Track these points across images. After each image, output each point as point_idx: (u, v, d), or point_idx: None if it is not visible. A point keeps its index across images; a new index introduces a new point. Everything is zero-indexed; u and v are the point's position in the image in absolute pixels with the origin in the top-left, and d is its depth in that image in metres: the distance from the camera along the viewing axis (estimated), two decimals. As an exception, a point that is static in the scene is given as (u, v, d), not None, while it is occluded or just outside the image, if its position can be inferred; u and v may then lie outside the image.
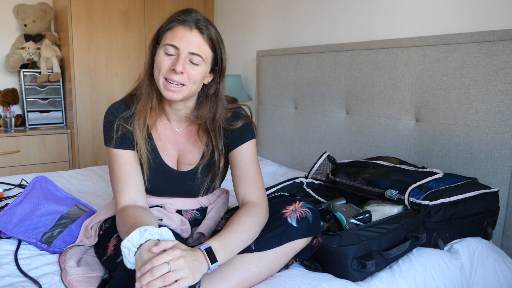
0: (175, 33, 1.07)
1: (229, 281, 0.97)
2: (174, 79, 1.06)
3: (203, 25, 1.08)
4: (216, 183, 1.25)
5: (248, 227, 1.02)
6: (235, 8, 2.95)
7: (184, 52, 1.06)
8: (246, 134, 1.19)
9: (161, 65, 1.08)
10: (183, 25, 1.07)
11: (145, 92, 1.14)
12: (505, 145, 1.45)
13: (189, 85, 1.09)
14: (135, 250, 0.87)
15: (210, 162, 1.20)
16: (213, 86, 1.17)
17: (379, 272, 1.17)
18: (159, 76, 1.09)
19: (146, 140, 1.16)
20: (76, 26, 2.67)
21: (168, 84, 1.07)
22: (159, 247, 0.85)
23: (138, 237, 0.88)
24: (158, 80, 1.09)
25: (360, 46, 1.94)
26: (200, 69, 1.09)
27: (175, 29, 1.07)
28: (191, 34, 1.07)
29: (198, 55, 1.07)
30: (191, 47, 1.06)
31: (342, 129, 2.04)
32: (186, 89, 1.09)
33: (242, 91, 2.75)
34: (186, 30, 1.07)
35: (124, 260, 0.89)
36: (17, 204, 1.31)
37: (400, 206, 1.32)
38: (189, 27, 1.07)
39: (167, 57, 1.08)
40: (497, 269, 1.36)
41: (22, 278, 1.07)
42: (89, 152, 2.84)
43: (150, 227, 0.90)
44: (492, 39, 1.47)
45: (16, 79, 2.93)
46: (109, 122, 1.15)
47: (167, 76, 1.07)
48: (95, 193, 1.85)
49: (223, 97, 1.18)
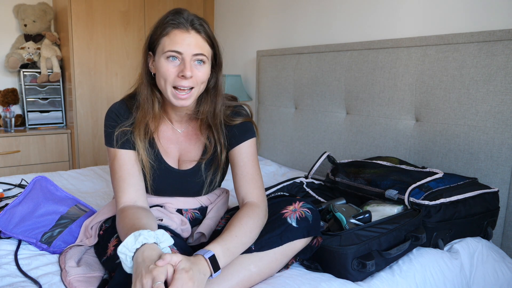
0: (173, 38, 1.04)
1: (229, 281, 0.97)
2: (184, 85, 1.05)
3: (198, 24, 1.06)
4: (218, 178, 1.24)
5: (249, 229, 1.02)
6: (235, 8, 2.95)
7: (188, 56, 1.05)
8: (247, 132, 1.19)
9: (166, 74, 1.05)
10: (179, 28, 1.04)
11: (145, 101, 1.13)
12: (505, 145, 1.45)
13: (197, 86, 1.09)
14: (132, 254, 0.87)
15: (213, 157, 1.20)
16: (212, 80, 1.17)
17: (379, 272, 1.17)
18: (166, 85, 1.07)
19: (148, 149, 1.16)
20: (76, 26, 2.67)
21: (177, 93, 1.06)
22: (164, 261, 0.83)
23: (133, 242, 0.87)
24: (165, 89, 1.08)
25: (360, 46, 1.94)
26: (205, 69, 1.09)
27: (172, 33, 1.05)
28: (190, 36, 1.05)
29: (202, 54, 1.06)
30: (193, 48, 1.05)
31: (342, 129, 2.04)
32: (195, 92, 1.09)
33: (242, 91, 2.75)
34: (184, 33, 1.04)
35: (123, 265, 0.89)
36: (17, 204, 1.31)
37: (400, 206, 1.32)
38: (185, 29, 1.04)
39: (171, 64, 1.05)
40: (497, 269, 1.36)
41: (22, 278, 1.07)
42: (89, 152, 2.84)
43: (144, 231, 0.89)
44: (492, 39, 1.47)
45: (16, 79, 2.93)
46: (110, 123, 1.16)
47: (176, 83, 1.06)
48: (95, 193, 1.85)
49: (222, 90, 1.19)
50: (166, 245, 0.91)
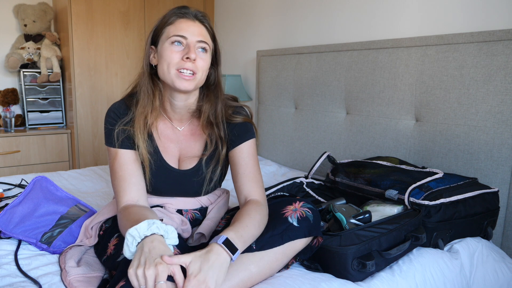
0: (179, 26, 1.09)
1: (230, 281, 0.97)
2: (188, 67, 1.08)
3: (202, 17, 1.12)
4: (218, 176, 1.25)
5: (257, 223, 1.03)
6: (235, 8, 2.95)
7: (193, 41, 1.09)
8: (247, 133, 1.20)
9: (170, 57, 1.08)
10: (185, 17, 1.10)
11: (146, 93, 1.14)
12: (505, 145, 1.45)
13: (199, 73, 1.11)
14: (139, 240, 0.88)
15: (214, 154, 1.20)
16: (212, 76, 1.20)
17: (379, 272, 1.17)
18: (169, 68, 1.09)
19: (148, 142, 1.16)
20: (76, 26, 2.67)
21: (181, 74, 1.08)
22: (172, 259, 0.85)
23: (145, 228, 0.89)
24: (168, 72, 1.09)
25: (360, 46, 1.94)
26: (207, 57, 1.13)
27: (177, 22, 1.10)
28: (195, 24, 1.10)
29: (205, 42, 1.11)
30: (198, 35, 1.09)
31: (342, 129, 2.04)
32: (196, 78, 1.11)
33: (242, 91, 2.75)
34: (190, 21, 1.10)
35: (125, 247, 0.89)
36: (17, 204, 1.31)
37: (400, 206, 1.32)
38: (191, 18, 1.10)
39: (176, 48, 1.09)
40: (497, 269, 1.36)
41: (22, 278, 1.07)
42: (89, 152, 2.84)
43: (158, 221, 0.91)
44: (492, 39, 1.47)
45: (16, 79, 2.93)
46: (110, 122, 1.16)
47: (179, 66, 1.08)
48: (95, 193, 1.85)
49: (222, 87, 1.22)
50: (171, 243, 0.93)
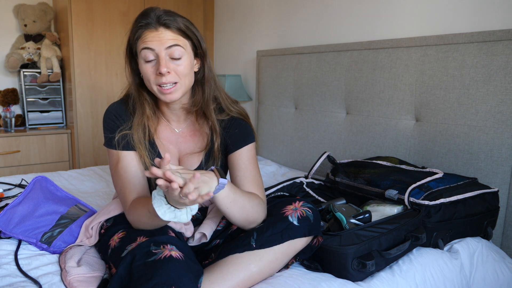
0: (144, 38, 1.07)
1: (230, 281, 0.97)
2: (164, 81, 1.07)
3: (166, 20, 1.07)
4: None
5: (255, 204, 1.07)
6: (235, 8, 2.95)
7: (162, 51, 1.07)
8: (247, 137, 1.20)
9: (147, 75, 1.09)
10: (148, 29, 1.07)
11: (137, 105, 1.16)
12: (505, 145, 1.45)
13: (181, 80, 1.10)
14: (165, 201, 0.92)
15: (212, 149, 1.21)
16: (201, 70, 1.18)
17: (379, 272, 1.17)
18: (150, 85, 1.10)
19: (149, 150, 1.16)
20: (76, 26, 2.67)
21: (162, 88, 1.09)
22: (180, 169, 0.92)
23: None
24: (152, 88, 1.11)
25: (360, 46, 1.94)
26: (184, 61, 1.09)
27: (143, 35, 1.08)
28: (159, 32, 1.07)
29: (175, 45, 1.07)
30: (165, 42, 1.06)
31: (342, 129, 2.04)
32: (180, 86, 1.10)
33: (242, 91, 2.75)
34: (153, 32, 1.07)
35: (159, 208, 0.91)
36: (17, 204, 1.31)
37: (400, 206, 1.32)
38: (154, 28, 1.07)
39: (149, 64, 1.08)
40: (497, 269, 1.36)
41: (22, 278, 1.07)
42: (89, 152, 2.84)
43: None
44: (492, 39, 1.47)
45: (16, 79, 2.93)
46: (111, 124, 1.16)
47: (157, 82, 1.08)
48: (95, 193, 1.85)
49: (211, 75, 1.19)
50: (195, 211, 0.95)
